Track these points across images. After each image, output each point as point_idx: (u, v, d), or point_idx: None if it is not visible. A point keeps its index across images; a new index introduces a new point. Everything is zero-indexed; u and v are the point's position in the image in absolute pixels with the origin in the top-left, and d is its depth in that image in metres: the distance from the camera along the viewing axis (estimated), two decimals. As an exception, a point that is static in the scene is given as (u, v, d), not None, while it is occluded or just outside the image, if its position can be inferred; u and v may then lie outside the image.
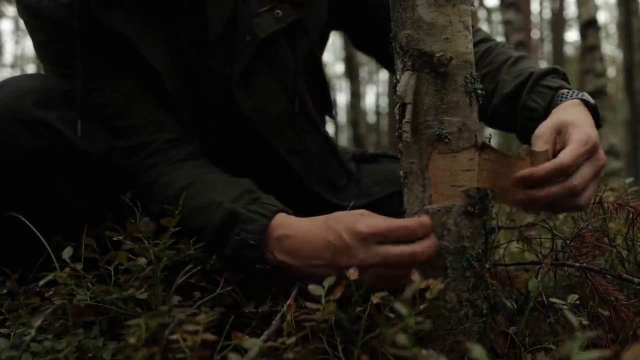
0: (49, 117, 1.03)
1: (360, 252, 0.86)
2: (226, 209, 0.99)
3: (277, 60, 1.19)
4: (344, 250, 0.87)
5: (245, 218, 0.96)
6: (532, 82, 1.07)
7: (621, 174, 4.93)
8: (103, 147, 1.09)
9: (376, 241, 0.86)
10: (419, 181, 0.89)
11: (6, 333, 0.85)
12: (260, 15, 1.15)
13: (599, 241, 1.05)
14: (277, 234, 0.95)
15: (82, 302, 0.85)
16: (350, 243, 0.87)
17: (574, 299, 0.86)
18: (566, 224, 1.45)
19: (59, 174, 1.05)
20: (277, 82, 1.21)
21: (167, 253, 0.89)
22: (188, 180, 1.07)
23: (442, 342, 0.88)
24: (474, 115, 0.90)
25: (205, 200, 1.02)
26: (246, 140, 1.24)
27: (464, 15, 0.88)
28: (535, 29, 18.71)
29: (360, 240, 0.86)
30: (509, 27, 6.19)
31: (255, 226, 0.95)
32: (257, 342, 0.67)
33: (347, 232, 0.87)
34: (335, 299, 0.74)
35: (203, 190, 1.05)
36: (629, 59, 8.56)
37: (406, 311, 0.54)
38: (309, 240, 0.91)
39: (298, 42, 1.21)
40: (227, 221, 0.98)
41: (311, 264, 0.91)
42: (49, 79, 1.11)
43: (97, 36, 1.10)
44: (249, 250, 0.95)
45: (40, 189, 1.05)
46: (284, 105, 1.22)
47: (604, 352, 0.44)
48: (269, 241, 0.95)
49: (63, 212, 1.07)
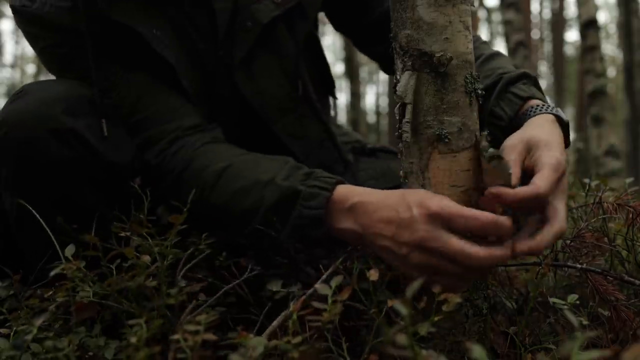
0: (78, 126, 1.01)
1: (422, 229, 0.80)
2: (282, 187, 0.96)
3: (278, 45, 1.20)
4: (408, 223, 0.82)
5: (307, 194, 0.93)
6: (500, 87, 1.04)
7: (621, 174, 4.93)
8: (129, 157, 1.08)
9: (443, 224, 0.80)
10: (419, 181, 0.89)
11: (7, 333, 0.85)
12: (260, 1, 1.17)
13: (598, 241, 1.05)
14: (350, 202, 0.90)
15: (85, 299, 0.85)
16: (416, 217, 0.81)
17: (574, 299, 0.86)
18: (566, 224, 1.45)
19: (85, 184, 1.04)
20: (278, 66, 1.22)
21: (172, 251, 0.89)
22: (225, 162, 1.04)
23: (442, 342, 0.88)
24: (474, 115, 0.90)
25: (250, 180, 0.99)
26: (250, 131, 1.24)
27: (464, 15, 0.88)
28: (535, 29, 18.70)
29: (426, 216, 0.80)
30: (509, 27, 6.19)
31: (318, 201, 0.92)
32: (262, 341, 0.67)
33: (417, 207, 0.82)
34: (343, 300, 0.74)
35: (244, 170, 1.02)
36: (629, 59, 8.56)
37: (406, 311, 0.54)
38: (382, 208, 0.86)
39: (297, 26, 1.22)
40: (285, 199, 0.95)
41: (376, 233, 0.86)
42: (73, 84, 1.09)
43: (104, 36, 1.10)
44: (312, 227, 0.92)
45: (67, 198, 1.04)
46: (285, 89, 1.23)
47: (604, 352, 0.45)
48: (335, 214, 0.92)
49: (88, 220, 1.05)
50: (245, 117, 1.24)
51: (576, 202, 1.39)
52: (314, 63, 1.34)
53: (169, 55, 1.12)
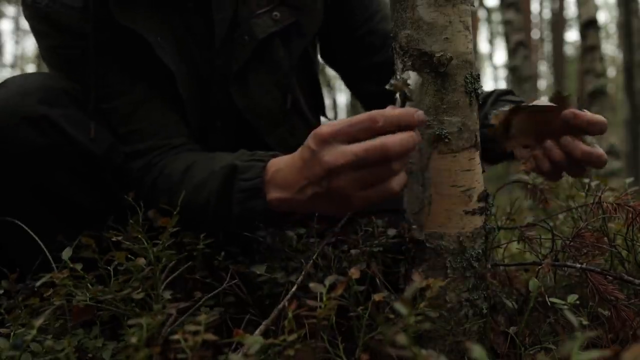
0: (53, 114, 1.03)
1: (325, 155, 0.79)
2: (224, 167, 0.98)
3: (272, 59, 1.22)
4: (313, 159, 0.81)
5: (243, 167, 0.95)
6: (495, 96, 1.22)
7: (621, 174, 4.93)
8: (105, 146, 1.10)
9: (341, 141, 0.79)
10: (419, 181, 0.89)
11: (6, 333, 0.85)
12: (259, 16, 1.18)
13: (598, 241, 1.05)
14: (271, 172, 0.93)
15: (81, 303, 0.85)
16: (315, 148, 0.81)
17: (574, 299, 0.86)
18: (566, 224, 1.45)
19: (61, 172, 1.06)
20: (271, 80, 1.23)
21: (167, 253, 0.90)
22: (188, 163, 1.07)
23: (442, 342, 0.88)
24: (474, 115, 0.90)
25: (205, 173, 1.02)
26: (245, 141, 1.25)
27: (464, 15, 0.88)
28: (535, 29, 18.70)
29: (322, 142, 0.80)
30: (509, 27, 6.19)
31: (253, 172, 0.94)
32: (258, 340, 0.67)
33: (312, 140, 0.82)
34: (336, 296, 0.74)
35: (202, 166, 1.04)
36: (629, 59, 8.56)
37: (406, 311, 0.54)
38: (292, 165, 0.88)
39: (293, 43, 1.24)
40: (227, 179, 0.97)
41: (298, 189, 0.86)
42: (55, 77, 1.11)
43: (110, 40, 1.11)
44: (253, 199, 0.93)
45: (43, 186, 1.05)
46: (277, 102, 1.24)
47: (604, 352, 0.45)
48: (267, 184, 0.93)
49: (65, 209, 1.08)
50: (240, 127, 1.25)
51: (576, 202, 1.39)
52: (307, 82, 1.36)
53: (171, 63, 1.13)
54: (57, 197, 1.07)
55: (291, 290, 0.90)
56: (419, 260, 0.90)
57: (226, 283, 0.99)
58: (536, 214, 1.78)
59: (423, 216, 0.89)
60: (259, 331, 0.81)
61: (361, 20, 1.35)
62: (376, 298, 0.77)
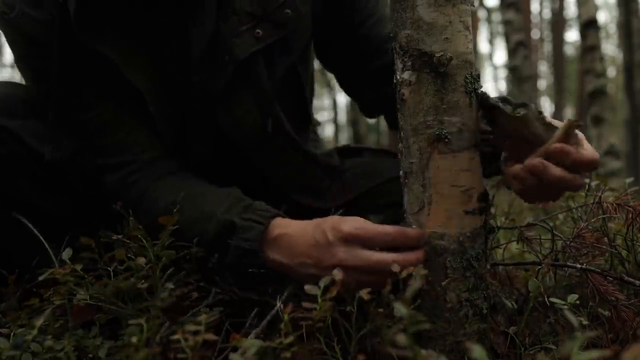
0: (11, 124, 1.05)
1: (340, 252, 0.88)
2: (220, 221, 1.01)
3: (254, 80, 1.17)
4: (326, 248, 0.89)
5: (242, 227, 0.98)
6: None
7: (621, 174, 4.93)
8: (68, 153, 1.11)
9: (359, 243, 0.88)
10: (419, 181, 0.89)
11: (6, 333, 0.85)
12: (241, 34, 1.13)
13: (598, 241, 1.05)
14: (275, 233, 0.96)
15: (81, 302, 0.85)
16: (332, 241, 0.88)
17: (574, 299, 0.86)
18: (566, 224, 1.45)
19: (23, 180, 1.08)
20: (253, 101, 1.19)
21: (167, 252, 0.90)
22: (176, 194, 1.07)
23: (442, 342, 0.88)
24: (474, 115, 0.90)
25: (195, 212, 1.03)
26: (227, 152, 1.24)
27: (464, 15, 0.88)
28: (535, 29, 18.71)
29: (341, 239, 0.88)
30: (509, 27, 6.19)
31: (253, 233, 0.97)
32: (255, 343, 0.67)
33: (332, 231, 0.89)
34: (332, 297, 0.74)
35: (192, 202, 1.05)
36: (629, 59, 8.56)
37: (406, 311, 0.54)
38: (302, 238, 0.93)
39: (277, 62, 1.20)
40: (224, 232, 1.00)
41: (301, 263, 0.92)
42: (15, 86, 1.12)
43: (77, 55, 1.08)
44: (249, 258, 0.97)
45: (6, 195, 1.07)
46: (259, 123, 1.20)
47: (604, 352, 0.45)
48: (266, 243, 0.97)
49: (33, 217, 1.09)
50: (222, 145, 1.22)
51: (576, 202, 1.39)
52: (292, 98, 1.31)
53: (138, 81, 1.10)
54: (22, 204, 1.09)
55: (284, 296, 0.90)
56: (419, 260, 0.90)
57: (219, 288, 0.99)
58: (536, 214, 1.79)
59: (423, 216, 0.89)
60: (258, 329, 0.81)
61: (353, 25, 1.30)
62: (364, 297, 0.77)
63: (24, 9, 1.07)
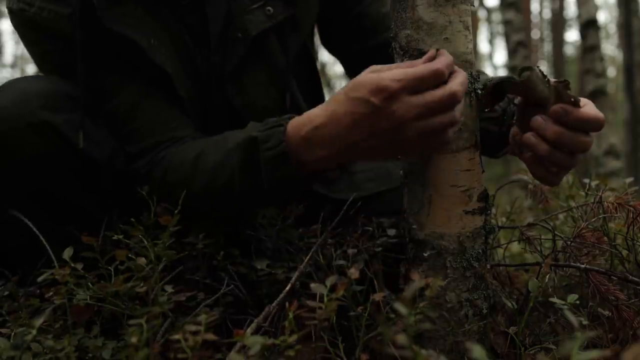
0: (56, 120, 1.02)
1: (398, 109, 0.80)
2: (242, 142, 0.96)
3: (268, 56, 1.20)
4: (378, 115, 0.81)
5: (263, 137, 0.93)
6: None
7: (621, 174, 4.92)
8: (107, 152, 1.09)
9: (407, 92, 0.80)
10: (419, 181, 0.89)
11: (7, 333, 0.85)
12: (252, 11, 1.16)
13: (599, 241, 1.05)
14: (303, 132, 0.89)
15: (82, 302, 0.85)
16: (382, 105, 0.80)
17: (574, 299, 0.86)
18: (566, 224, 1.45)
19: (63, 177, 1.05)
20: (267, 78, 1.21)
21: (167, 252, 0.90)
22: (197, 150, 1.04)
23: (442, 342, 0.88)
24: (474, 115, 0.90)
25: (219, 155, 1.00)
26: None
27: (464, 15, 0.88)
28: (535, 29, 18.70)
29: (391, 98, 0.79)
30: (509, 27, 6.19)
31: (275, 138, 0.91)
32: (259, 340, 0.67)
33: (375, 95, 0.80)
34: (338, 297, 0.74)
35: (214, 148, 1.02)
36: (629, 59, 8.55)
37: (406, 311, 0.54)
38: (339, 121, 0.85)
39: (289, 39, 1.22)
40: (248, 153, 0.95)
41: (352, 143, 0.85)
42: (54, 80, 1.10)
43: (101, 44, 1.09)
44: (282, 165, 0.91)
45: (45, 192, 1.05)
46: (274, 101, 1.22)
47: (604, 352, 0.45)
48: (297, 148, 0.90)
49: (67, 214, 1.07)
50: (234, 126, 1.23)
51: (576, 201, 1.39)
52: (306, 77, 1.33)
53: (166, 64, 1.11)
54: (58, 202, 1.06)
55: (289, 289, 0.90)
56: (419, 260, 0.90)
57: (225, 285, 0.99)
58: (536, 214, 1.79)
59: (423, 216, 0.89)
60: (250, 329, 0.81)
61: (352, 3, 1.32)
62: (376, 298, 0.77)
63: (43, 5, 1.07)
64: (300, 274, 0.93)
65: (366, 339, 0.77)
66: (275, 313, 0.87)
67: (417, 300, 0.78)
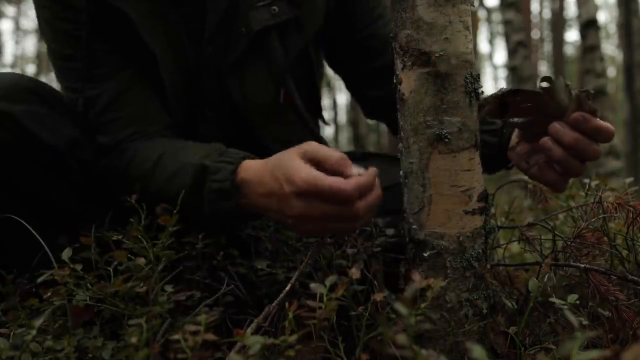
0: (14, 110, 1.05)
1: (297, 206, 0.85)
2: (195, 166, 1.01)
3: (268, 53, 1.23)
4: (284, 200, 0.87)
5: (214, 169, 0.98)
6: None
7: (621, 174, 4.92)
8: (67, 140, 1.11)
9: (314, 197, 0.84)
10: (419, 181, 0.89)
11: (6, 333, 0.84)
12: (257, 9, 1.20)
13: (599, 241, 1.05)
14: (240, 176, 0.96)
15: (81, 303, 0.85)
16: (287, 193, 0.86)
17: (574, 299, 0.86)
18: (566, 224, 1.45)
19: (26, 167, 1.07)
20: (266, 74, 1.24)
21: (167, 253, 0.90)
22: (160, 152, 1.09)
23: (442, 342, 0.88)
24: (474, 115, 0.90)
25: (176, 165, 1.05)
26: (234, 130, 1.27)
27: (464, 15, 0.88)
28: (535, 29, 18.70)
29: (298, 194, 0.84)
30: (509, 27, 6.19)
31: (223, 174, 0.97)
32: (259, 340, 0.67)
33: (287, 183, 0.86)
34: (337, 296, 0.74)
35: (174, 157, 1.07)
36: (629, 59, 8.56)
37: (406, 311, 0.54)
38: (259, 186, 0.92)
39: (290, 39, 1.25)
40: (198, 177, 1.00)
41: (267, 209, 0.93)
42: (21, 76, 1.13)
43: (102, 17, 1.13)
44: (223, 200, 0.97)
45: (10, 182, 1.07)
46: (270, 96, 1.25)
47: (604, 352, 0.44)
48: (239, 189, 0.96)
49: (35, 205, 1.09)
50: (232, 119, 1.26)
51: (576, 201, 1.39)
52: (304, 82, 1.36)
53: (154, 45, 1.14)
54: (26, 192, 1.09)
55: (289, 289, 0.90)
56: (419, 260, 0.90)
57: (225, 285, 0.99)
58: (536, 214, 1.78)
59: (423, 216, 0.89)
60: (250, 328, 0.81)
61: (363, 23, 1.36)
62: (377, 298, 0.77)
63: None
64: (300, 274, 0.93)
65: (366, 339, 0.77)
66: (275, 313, 0.87)
67: (417, 300, 0.78)
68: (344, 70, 1.47)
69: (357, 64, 1.40)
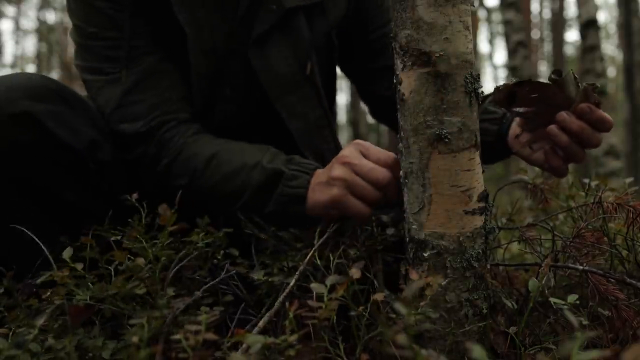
0: (35, 110, 1.05)
1: (339, 170, 1.00)
2: (267, 169, 1.10)
3: (294, 30, 1.29)
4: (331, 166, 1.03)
5: (289, 175, 1.09)
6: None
7: (621, 174, 4.93)
8: (86, 141, 1.12)
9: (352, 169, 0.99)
10: (419, 181, 0.89)
11: (6, 333, 0.85)
12: None
13: (599, 241, 1.05)
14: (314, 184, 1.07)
15: (81, 302, 0.85)
16: (334, 162, 1.02)
17: (574, 299, 0.86)
18: (566, 224, 1.45)
19: (44, 167, 1.08)
20: (290, 48, 1.29)
21: (166, 252, 0.90)
22: (213, 149, 1.15)
23: (442, 342, 0.88)
24: (474, 115, 0.90)
25: (236, 164, 1.12)
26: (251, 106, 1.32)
27: (464, 15, 0.88)
28: (535, 29, 18.70)
29: (342, 162, 1.00)
30: (509, 27, 6.19)
31: (300, 181, 1.08)
32: (260, 339, 0.67)
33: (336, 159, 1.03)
34: (338, 296, 0.74)
35: (231, 156, 1.14)
36: (629, 59, 8.55)
37: (406, 311, 0.54)
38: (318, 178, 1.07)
39: (315, 23, 1.32)
40: (271, 180, 1.10)
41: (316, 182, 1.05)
42: (42, 77, 1.13)
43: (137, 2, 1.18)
44: (296, 204, 1.08)
45: (28, 182, 1.07)
46: (292, 70, 1.30)
47: (604, 352, 0.45)
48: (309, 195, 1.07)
49: (51, 205, 1.09)
50: (249, 95, 1.31)
51: (576, 202, 1.39)
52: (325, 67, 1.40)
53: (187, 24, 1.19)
54: (43, 192, 1.09)
55: (288, 291, 0.90)
56: (419, 260, 0.90)
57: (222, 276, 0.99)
58: (536, 214, 1.79)
59: (423, 216, 0.89)
60: (257, 328, 0.81)
61: (377, 24, 1.42)
62: (377, 298, 0.77)
63: None
64: (300, 275, 0.93)
65: (366, 338, 0.77)
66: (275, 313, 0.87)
67: (417, 300, 0.78)
68: (354, 67, 1.52)
69: (367, 60, 1.46)
